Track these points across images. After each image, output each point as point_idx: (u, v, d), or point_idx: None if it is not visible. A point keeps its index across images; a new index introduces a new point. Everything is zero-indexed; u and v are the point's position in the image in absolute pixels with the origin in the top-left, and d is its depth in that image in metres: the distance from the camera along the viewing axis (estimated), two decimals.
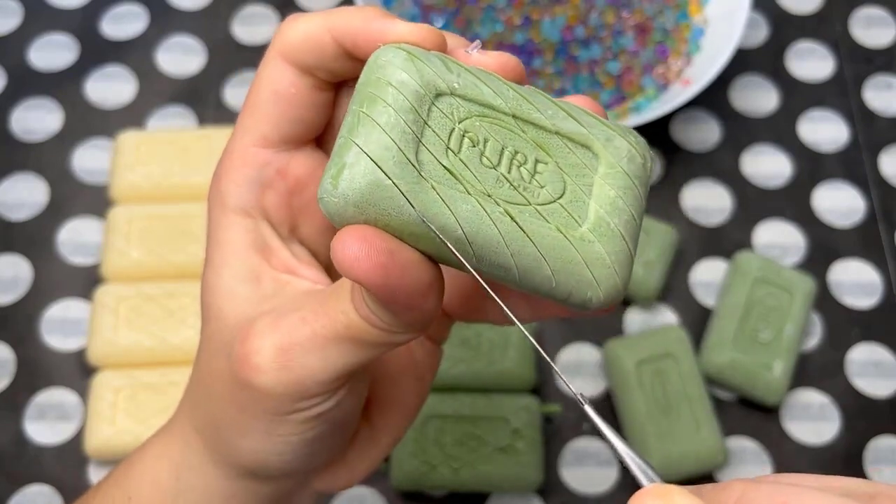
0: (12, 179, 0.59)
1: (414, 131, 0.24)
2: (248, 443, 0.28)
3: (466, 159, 0.25)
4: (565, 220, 0.25)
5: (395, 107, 0.24)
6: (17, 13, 0.64)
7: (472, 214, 0.24)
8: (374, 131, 0.24)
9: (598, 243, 0.25)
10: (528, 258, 0.25)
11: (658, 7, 0.63)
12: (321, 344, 0.25)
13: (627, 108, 0.59)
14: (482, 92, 0.26)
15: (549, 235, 0.25)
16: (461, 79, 0.25)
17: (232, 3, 0.65)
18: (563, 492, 0.51)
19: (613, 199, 0.26)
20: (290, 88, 0.28)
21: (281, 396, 0.26)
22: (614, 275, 0.26)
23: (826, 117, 0.62)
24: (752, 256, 0.55)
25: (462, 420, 0.50)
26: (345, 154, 0.24)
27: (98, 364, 0.52)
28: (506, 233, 0.24)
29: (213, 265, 0.28)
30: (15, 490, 0.50)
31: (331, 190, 0.23)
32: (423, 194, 0.24)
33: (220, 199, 0.28)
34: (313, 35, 0.27)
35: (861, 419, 0.53)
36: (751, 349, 0.52)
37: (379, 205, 0.23)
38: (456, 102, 0.25)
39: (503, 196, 0.25)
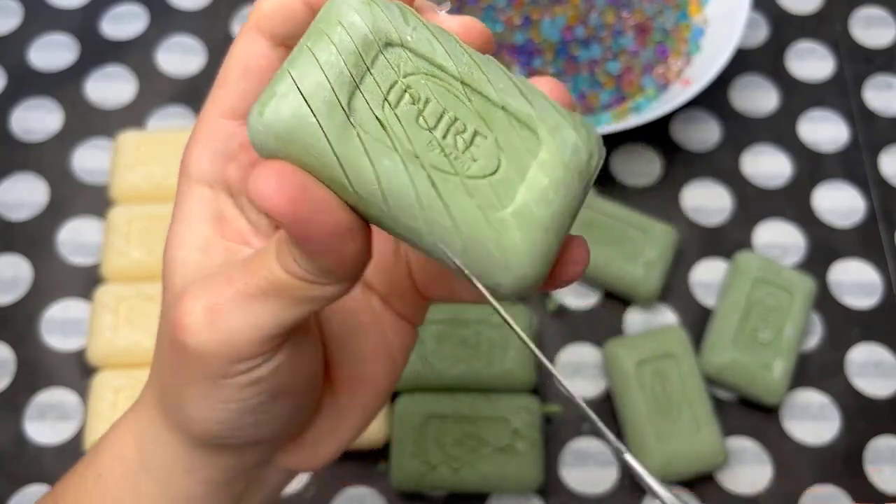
0: (12, 179, 0.59)
1: (353, 75, 0.24)
2: (190, 409, 0.28)
3: (402, 115, 0.24)
4: (489, 200, 0.24)
5: (339, 47, 0.24)
6: (17, 13, 0.64)
7: (392, 171, 0.23)
8: (312, 67, 0.23)
9: (517, 230, 0.24)
10: (441, 228, 0.24)
11: (658, 7, 0.63)
12: (245, 301, 0.25)
13: (627, 108, 0.59)
14: (434, 50, 0.25)
15: (467, 210, 0.24)
16: (416, 33, 0.25)
17: (232, 3, 0.65)
18: (563, 492, 0.51)
19: (545, 188, 0.25)
20: (261, 60, 0.28)
21: (211, 357, 0.26)
22: (526, 264, 0.24)
23: (826, 117, 0.62)
24: (752, 256, 0.55)
25: (462, 420, 0.50)
26: (277, 84, 0.23)
27: (98, 364, 0.52)
28: (423, 198, 0.24)
29: (171, 237, 0.28)
30: (15, 490, 0.50)
31: (257, 118, 0.23)
32: (347, 140, 0.23)
33: (185, 170, 0.28)
34: (286, 2, 0.27)
35: (861, 419, 0.53)
36: (751, 349, 0.52)
37: (300, 141, 0.23)
38: (405, 56, 0.25)
39: (431, 161, 0.24)
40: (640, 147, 0.61)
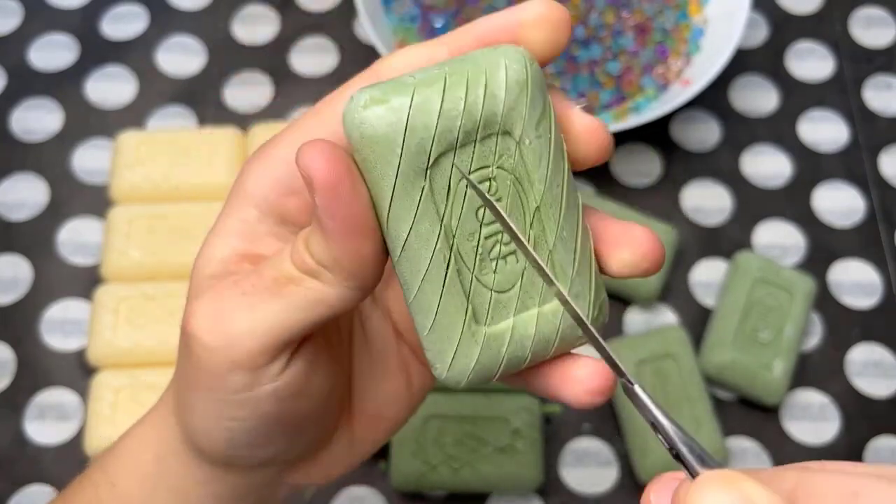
0: (12, 179, 0.59)
1: (459, 139, 0.24)
2: (197, 422, 0.28)
3: (469, 197, 0.25)
4: (480, 310, 0.25)
5: (467, 105, 0.24)
6: (17, 13, 0.64)
7: (425, 236, 0.24)
8: (433, 105, 0.24)
9: (479, 349, 0.25)
10: (426, 301, 0.25)
11: (658, 7, 0.63)
12: (249, 302, 0.25)
13: (627, 108, 0.59)
14: (539, 166, 0.25)
15: (455, 308, 0.25)
16: (537, 141, 0.25)
17: (232, 3, 0.65)
18: (563, 492, 0.51)
19: (524, 337, 0.26)
20: None
21: (214, 364, 0.26)
22: (464, 376, 0.26)
23: (826, 117, 0.62)
24: (752, 256, 0.55)
25: (462, 420, 0.50)
26: (395, 93, 0.24)
27: (98, 364, 0.52)
28: (431, 272, 0.25)
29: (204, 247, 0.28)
30: (15, 490, 0.50)
31: (359, 107, 0.24)
32: (411, 187, 0.24)
33: (240, 184, 0.28)
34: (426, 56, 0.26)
35: (861, 419, 0.53)
36: (751, 349, 0.52)
37: (376, 155, 0.24)
38: (514, 151, 0.25)
39: (461, 249, 0.25)
40: (640, 147, 0.61)
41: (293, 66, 0.63)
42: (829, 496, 0.20)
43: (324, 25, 0.64)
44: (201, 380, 0.26)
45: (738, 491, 0.19)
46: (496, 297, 0.26)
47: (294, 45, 0.64)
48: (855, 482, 0.20)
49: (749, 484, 0.19)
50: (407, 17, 0.62)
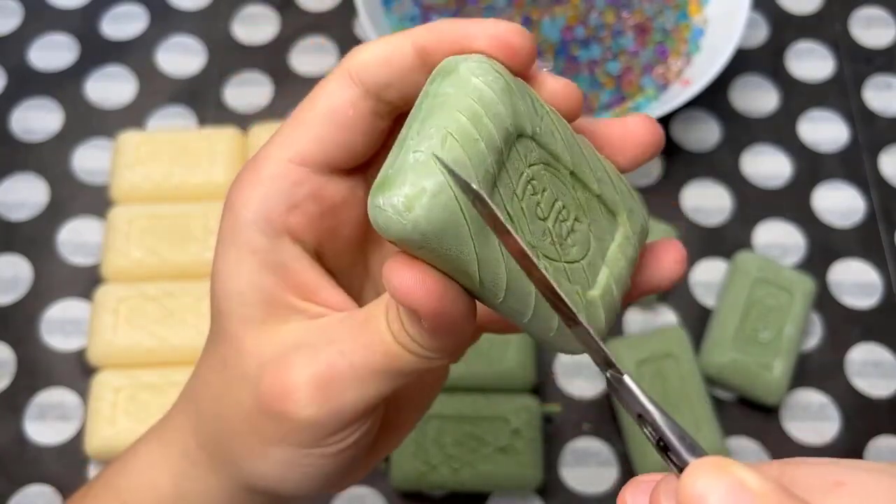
0: (12, 179, 0.59)
1: (494, 172, 0.24)
2: (267, 471, 0.28)
3: (526, 207, 0.25)
4: (583, 282, 0.26)
5: (486, 142, 0.23)
6: (17, 13, 0.64)
7: (518, 270, 0.24)
8: (461, 163, 0.23)
9: (602, 309, 0.27)
10: (544, 310, 0.25)
11: (658, 7, 0.63)
12: (360, 376, 0.25)
13: (627, 108, 0.59)
14: (556, 141, 0.26)
15: (569, 295, 0.25)
16: (543, 122, 0.25)
17: (232, 3, 0.65)
18: (563, 492, 0.51)
19: (622, 269, 0.27)
20: (349, 109, 0.26)
21: (317, 429, 0.26)
22: (602, 332, 0.27)
23: (826, 117, 0.62)
24: (752, 256, 0.55)
25: (462, 420, 0.50)
26: (422, 178, 0.22)
27: (98, 364, 0.52)
28: (537, 290, 0.24)
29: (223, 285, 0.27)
30: (15, 490, 0.50)
31: (401, 210, 0.22)
32: (487, 240, 0.23)
33: (237, 211, 0.27)
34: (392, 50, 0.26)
35: (861, 419, 0.53)
36: (751, 349, 0.52)
37: (445, 240, 0.23)
38: (532, 146, 0.25)
39: (544, 251, 0.25)
40: None
41: (293, 66, 0.63)
42: (813, 485, 0.20)
43: (324, 25, 0.64)
44: (290, 438, 0.26)
45: (730, 476, 0.19)
46: (584, 262, 0.26)
47: (294, 45, 0.64)
48: (838, 471, 0.20)
49: (741, 468, 0.19)
50: (407, 17, 0.62)
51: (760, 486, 0.19)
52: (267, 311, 0.27)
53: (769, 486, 0.19)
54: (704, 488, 0.19)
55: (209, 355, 0.29)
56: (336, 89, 0.26)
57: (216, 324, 0.28)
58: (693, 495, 0.19)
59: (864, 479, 0.20)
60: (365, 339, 0.25)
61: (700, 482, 0.19)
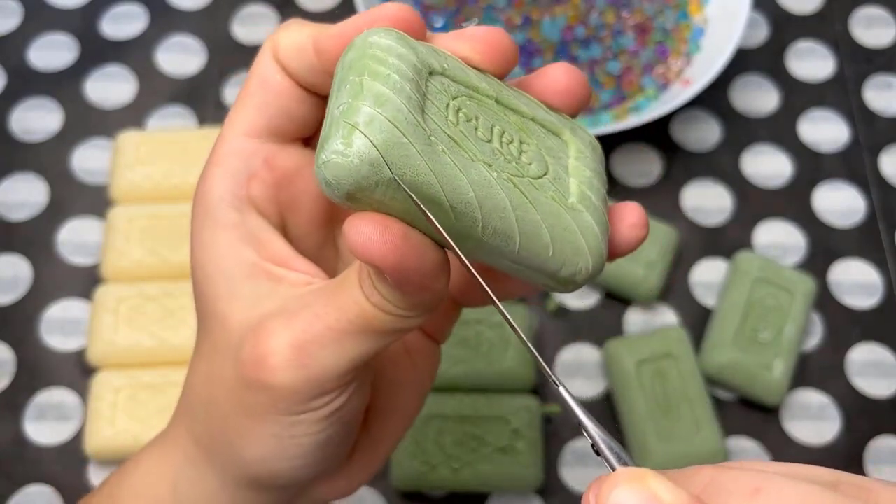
0: (12, 179, 0.59)
1: (418, 98, 0.24)
2: (257, 450, 0.28)
3: (464, 130, 0.25)
4: (556, 193, 0.26)
5: (399, 74, 0.24)
6: (17, 13, 0.64)
7: (482, 179, 0.24)
8: (383, 95, 0.23)
9: (587, 213, 0.26)
10: (531, 225, 0.25)
11: (658, 7, 0.63)
12: (336, 337, 0.25)
13: (627, 108, 0.59)
14: (468, 76, 0.26)
15: (547, 203, 0.26)
16: (449, 62, 0.26)
17: (232, 3, 0.65)
18: (563, 492, 0.51)
19: (590, 177, 0.27)
20: (277, 77, 0.28)
21: (297, 395, 0.26)
22: (601, 245, 0.27)
23: (826, 117, 0.62)
24: (752, 256, 0.55)
25: (462, 420, 0.50)
26: (352, 116, 0.23)
27: (98, 364, 0.52)
28: (512, 198, 0.25)
29: (204, 269, 0.28)
30: (15, 490, 0.50)
31: (342, 151, 0.22)
32: (436, 157, 0.24)
33: (206, 195, 0.28)
34: (299, 42, 0.27)
35: (861, 419, 0.53)
36: (751, 349, 0.52)
37: (395, 163, 0.23)
38: (447, 81, 0.26)
39: (503, 167, 0.25)
40: (640, 147, 0.61)
41: None
42: (733, 492, 0.20)
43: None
44: (278, 408, 0.26)
45: (645, 489, 0.19)
46: (549, 177, 0.26)
47: None
48: (759, 479, 0.20)
49: (656, 482, 0.20)
50: None
51: (673, 499, 0.19)
52: (251, 282, 0.27)
53: (682, 498, 0.19)
54: (619, 500, 0.20)
55: (199, 345, 0.29)
56: (265, 62, 0.28)
57: (203, 312, 0.28)
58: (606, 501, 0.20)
59: (781, 485, 0.20)
60: (339, 301, 0.26)
61: (615, 493, 0.20)
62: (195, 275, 0.28)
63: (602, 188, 0.27)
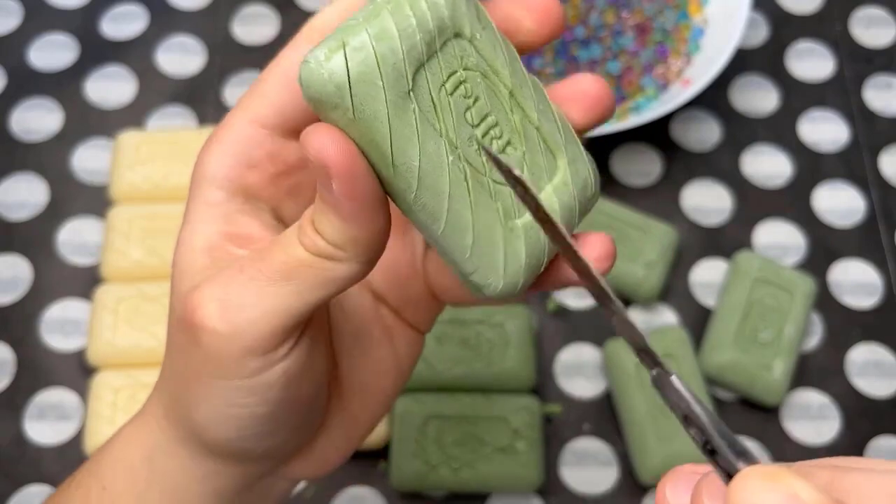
0: (12, 179, 0.59)
1: (423, 52, 0.24)
2: (203, 414, 0.27)
3: (454, 104, 0.25)
4: (507, 207, 0.26)
5: (418, 20, 0.24)
6: (17, 13, 0.64)
7: (435, 155, 0.24)
8: (389, 30, 0.23)
9: (523, 242, 0.26)
10: (460, 220, 0.25)
11: (658, 7, 0.63)
12: (258, 287, 0.25)
13: (627, 108, 0.59)
14: (496, 55, 0.26)
15: (489, 210, 0.25)
16: (485, 33, 0.25)
17: (232, 3, 0.65)
18: (563, 492, 0.51)
19: (553, 210, 0.26)
20: None
21: (226, 351, 0.25)
22: (520, 275, 0.26)
23: (826, 117, 0.62)
24: (752, 256, 0.55)
25: (462, 420, 0.50)
26: (350, 35, 0.23)
27: (98, 364, 0.52)
28: (454, 186, 0.25)
29: (180, 240, 0.28)
30: (15, 490, 0.50)
31: (321, 61, 0.23)
32: (403, 113, 0.24)
33: (200, 171, 0.28)
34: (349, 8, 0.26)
35: (861, 419, 0.53)
36: (751, 349, 0.52)
37: (359, 97, 0.23)
38: (470, 50, 0.25)
39: (468, 156, 0.25)
40: (640, 147, 0.61)
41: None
42: (875, 497, 0.19)
43: None
44: (211, 369, 0.26)
45: (785, 487, 0.18)
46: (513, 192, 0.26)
47: None
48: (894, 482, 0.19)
49: (794, 479, 0.18)
50: None
51: (814, 500, 0.18)
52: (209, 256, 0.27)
53: (823, 499, 0.18)
54: (755, 499, 0.18)
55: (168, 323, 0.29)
56: (292, 55, 0.27)
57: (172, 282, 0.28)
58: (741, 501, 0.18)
59: None
60: (265, 252, 0.25)
61: (750, 492, 0.18)
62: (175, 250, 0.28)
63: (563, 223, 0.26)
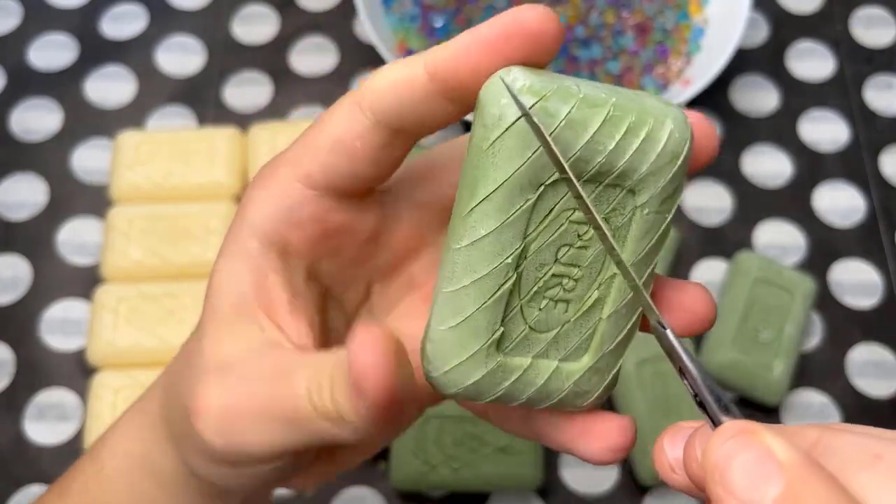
0: (12, 179, 0.59)
1: (590, 171, 0.23)
2: (202, 470, 0.28)
3: (561, 232, 0.24)
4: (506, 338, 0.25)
5: (617, 143, 0.22)
6: (16, 13, 0.64)
7: (501, 243, 0.23)
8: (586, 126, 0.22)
9: (486, 373, 0.25)
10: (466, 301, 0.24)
11: (658, 7, 0.63)
12: (262, 422, 0.24)
13: None
14: (643, 239, 0.24)
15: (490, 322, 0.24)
16: (655, 217, 0.24)
17: (232, 3, 0.65)
18: (563, 492, 0.51)
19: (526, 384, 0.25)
20: (356, 141, 0.25)
21: (225, 458, 0.26)
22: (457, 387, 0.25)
23: (826, 117, 0.62)
24: (752, 256, 0.55)
25: (462, 420, 0.50)
26: (559, 96, 0.22)
27: (98, 364, 0.52)
28: (487, 280, 0.24)
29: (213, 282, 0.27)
30: (15, 490, 0.50)
31: (517, 88, 0.22)
32: (519, 191, 0.23)
33: (245, 217, 0.27)
34: (405, 76, 0.24)
35: (861, 419, 0.53)
36: (751, 349, 0.52)
37: (505, 142, 0.22)
38: (627, 212, 0.24)
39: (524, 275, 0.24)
40: None
41: (293, 66, 0.63)
42: (850, 456, 0.19)
43: (324, 25, 0.64)
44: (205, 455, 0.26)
45: (758, 443, 0.18)
46: (528, 333, 0.25)
47: (294, 44, 0.64)
48: (879, 445, 0.19)
49: (770, 435, 0.18)
50: (407, 17, 0.62)
51: (788, 457, 0.18)
52: (235, 314, 0.26)
53: (797, 457, 0.18)
54: (729, 453, 0.18)
55: (189, 338, 0.29)
56: (344, 120, 0.25)
57: (202, 314, 0.28)
58: (718, 458, 0.19)
59: None
60: (279, 387, 0.24)
61: (726, 446, 0.18)
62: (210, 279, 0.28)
63: None
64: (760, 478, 0.18)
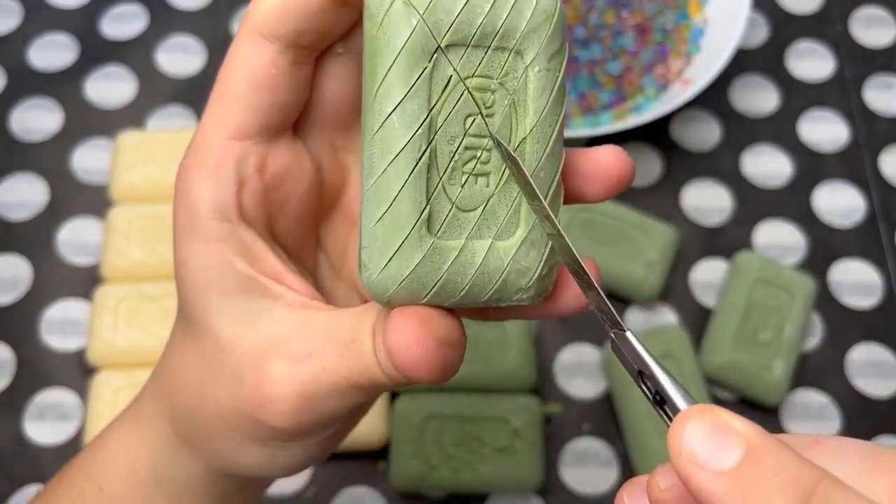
0: (12, 179, 0.59)
1: (475, 35, 0.24)
2: (248, 462, 0.28)
3: (464, 101, 0.24)
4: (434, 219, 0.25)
5: (493, 7, 0.24)
6: (17, 13, 0.64)
7: (409, 118, 0.24)
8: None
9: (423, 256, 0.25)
10: (387, 188, 0.24)
11: (658, 7, 0.63)
12: (342, 391, 0.26)
13: (627, 108, 0.59)
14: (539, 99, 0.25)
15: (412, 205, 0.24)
16: (547, 74, 0.25)
17: (232, 3, 0.65)
18: (563, 492, 0.51)
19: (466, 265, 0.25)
20: (270, 69, 0.25)
21: (298, 434, 0.27)
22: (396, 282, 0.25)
23: (826, 117, 0.62)
24: (752, 256, 0.55)
25: (462, 420, 0.50)
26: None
27: (98, 364, 0.52)
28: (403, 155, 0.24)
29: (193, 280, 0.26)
30: (15, 490, 0.50)
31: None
32: (414, 63, 0.23)
33: (192, 204, 0.26)
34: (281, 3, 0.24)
35: (861, 419, 0.53)
36: (751, 349, 0.52)
37: (391, 19, 0.23)
38: (520, 73, 0.24)
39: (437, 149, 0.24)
40: (640, 147, 0.61)
41: None
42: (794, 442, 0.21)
43: None
44: (275, 438, 0.27)
45: (716, 417, 0.20)
46: (455, 212, 0.25)
47: None
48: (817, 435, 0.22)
49: (728, 414, 0.20)
50: None
51: (746, 429, 0.20)
52: (244, 297, 0.26)
53: (755, 429, 0.20)
54: (691, 429, 0.20)
55: (184, 347, 0.28)
56: (251, 54, 0.25)
57: (190, 317, 0.27)
58: (681, 436, 0.20)
59: (839, 439, 0.21)
60: (349, 361, 0.25)
61: (688, 424, 0.20)
62: (182, 279, 0.27)
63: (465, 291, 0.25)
64: (721, 447, 0.19)
